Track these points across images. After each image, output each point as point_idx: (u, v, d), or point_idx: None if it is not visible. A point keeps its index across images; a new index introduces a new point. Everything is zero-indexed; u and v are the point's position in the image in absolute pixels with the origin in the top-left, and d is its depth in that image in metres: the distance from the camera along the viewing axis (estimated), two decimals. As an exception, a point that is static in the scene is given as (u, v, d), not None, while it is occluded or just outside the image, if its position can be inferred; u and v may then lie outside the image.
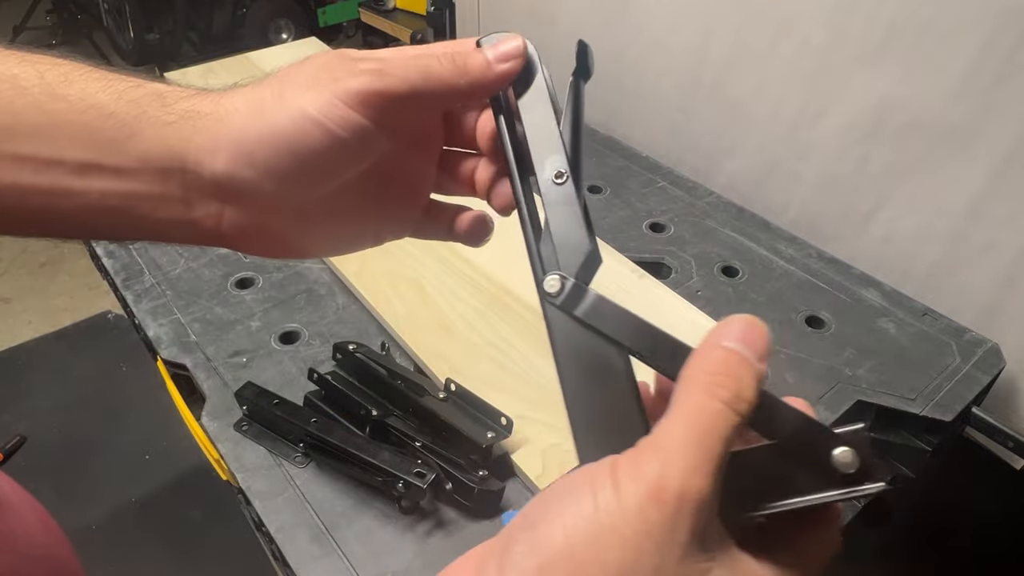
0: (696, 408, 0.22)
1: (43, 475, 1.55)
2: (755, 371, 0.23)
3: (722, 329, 0.24)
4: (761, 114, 0.90)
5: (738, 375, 0.23)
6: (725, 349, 0.23)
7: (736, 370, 0.23)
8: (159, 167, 0.29)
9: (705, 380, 0.23)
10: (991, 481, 0.79)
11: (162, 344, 0.70)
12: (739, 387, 0.22)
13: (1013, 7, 0.64)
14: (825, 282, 0.79)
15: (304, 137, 0.28)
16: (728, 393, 0.22)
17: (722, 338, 0.24)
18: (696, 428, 0.22)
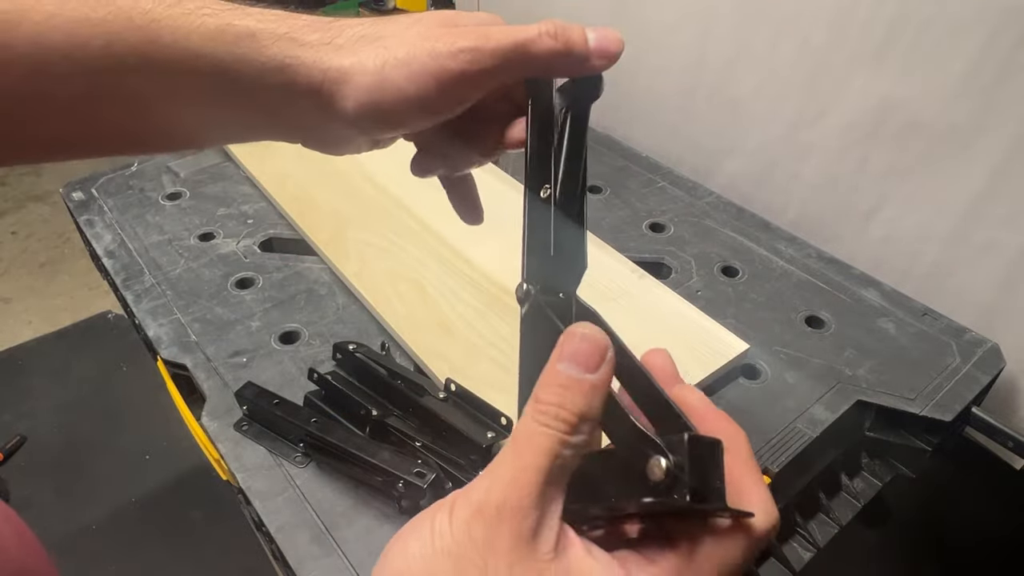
0: (522, 432, 0.24)
1: (43, 475, 1.55)
2: (581, 387, 0.24)
3: (556, 349, 0.25)
4: (761, 114, 0.90)
5: (560, 395, 0.24)
6: (553, 371, 0.25)
7: (558, 391, 0.24)
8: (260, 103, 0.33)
9: (532, 405, 0.24)
10: (991, 481, 0.79)
11: (162, 344, 0.70)
12: (560, 406, 0.24)
13: (1013, 7, 0.64)
14: (825, 282, 0.79)
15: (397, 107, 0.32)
16: (547, 416, 0.24)
17: (554, 359, 0.25)
18: (517, 448, 0.23)
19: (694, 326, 0.70)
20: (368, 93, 0.32)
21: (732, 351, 0.67)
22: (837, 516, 0.66)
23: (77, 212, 0.90)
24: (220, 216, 0.88)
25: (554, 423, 0.23)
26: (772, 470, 0.59)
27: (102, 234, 0.85)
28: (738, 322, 0.73)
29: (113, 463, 1.58)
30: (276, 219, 0.88)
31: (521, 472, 0.23)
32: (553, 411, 0.24)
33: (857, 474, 0.69)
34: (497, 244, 0.74)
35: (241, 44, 0.31)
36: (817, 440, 0.62)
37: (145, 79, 0.31)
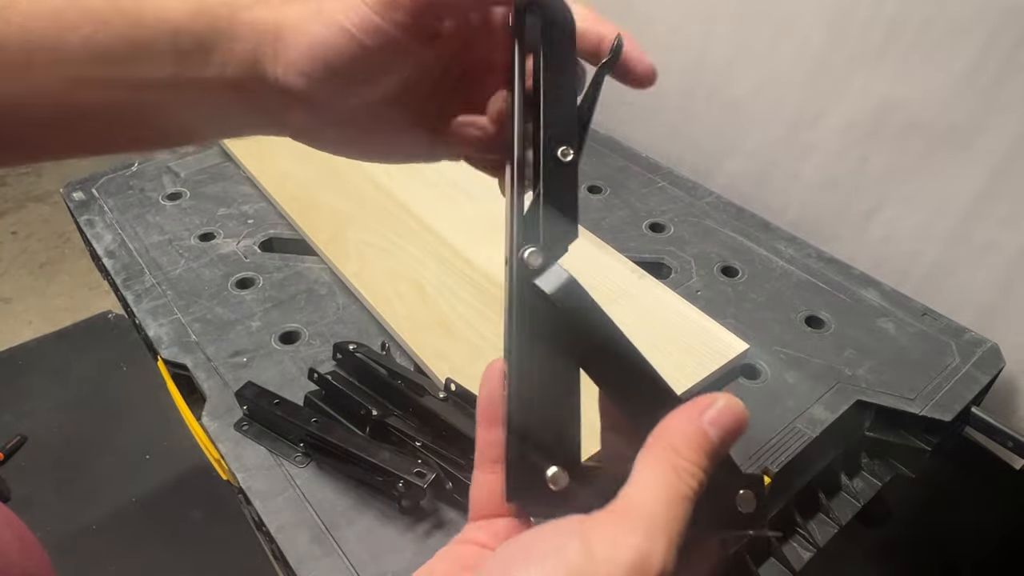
0: (671, 488, 0.23)
1: (43, 475, 1.55)
2: (718, 459, 0.25)
3: (707, 406, 0.25)
4: (761, 114, 0.90)
5: (706, 464, 0.24)
6: (700, 431, 0.25)
7: (706, 460, 0.24)
8: (235, 76, 0.32)
9: (680, 463, 0.24)
10: (991, 481, 0.79)
11: (162, 344, 0.70)
12: (701, 470, 0.24)
13: (1013, 7, 0.64)
14: (825, 282, 0.79)
15: (338, 46, 0.30)
16: (697, 483, 0.24)
17: (705, 416, 0.25)
18: (671, 508, 0.23)
19: (694, 326, 0.70)
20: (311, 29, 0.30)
21: (732, 351, 0.67)
22: (837, 516, 0.66)
23: (77, 212, 0.90)
24: (220, 216, 0.88)
25: (697, 487, 0.24)
26: (772, 470, 0.59)
27: (102, 234, 0.86)
28: (738, 322, 0.73)
29: (113, 463, 1.58)
30: (276, 219, 0.88)
31: (676, 538, 0.23)
32: (699, 476, 0.24)
33: (857, 474, 0.69)
34: (497, 244, 0.74)
35: (218, 14, 0.31)
36: (817, 440, 0.62)
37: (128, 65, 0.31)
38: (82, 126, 0.32)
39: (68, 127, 0.32)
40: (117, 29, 0.30)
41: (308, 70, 0.31)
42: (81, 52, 0.30)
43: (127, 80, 0.31)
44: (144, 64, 0.31)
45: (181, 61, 0.31)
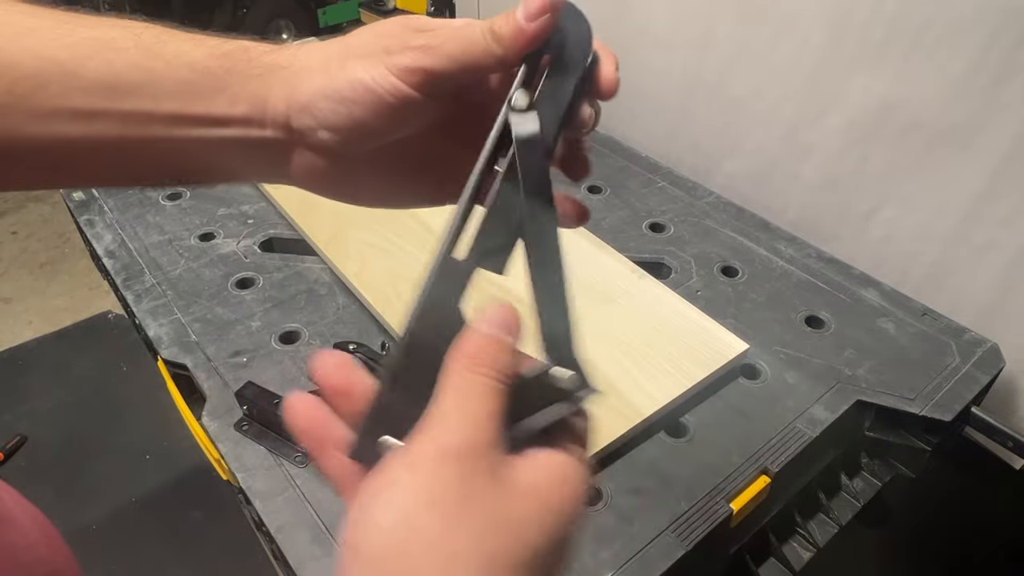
0: (460, 382, 0.27)
1: (43, 475, 1.55)
2: (508, 345, 0.28)
3: (479, 318, 0.29)
4: (761, 114, 0.90)
5: (494, 351, 0.28)
6: (482, 333, 0.28)
7: (491, 347, 0.28)
8: (243, 113, 0.33)
9: (460, 360, 0.28)
10: (991, 481, 0.79)
11: (163, 344, 0.70)
12: (495, 360, 0.28)
13: (1013, 7, 0.64)
14: (825, 282, 0.79)
15: (358, 99, 0.32)
16: (485, 367, 0.27)
17: (479, 326, 0.29)
18: (462, 396, 0.27)
19: (694, 326, 0.70)
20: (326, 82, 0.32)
21: (732, 351, 0.67)
22: (837, 516, 0.66)
23: (77, 212, 0.90)
24: (220, 216, 0.88)
25: (492, 372, 0.27)
26: (772, 470, 0.59)
27: (102, 234, 0.85)
28: (738, 322, 0.73)
29: (113, 463, 1.58)
30: (276, 219, 0.88)
31: (482, 417, 0.26)
32: (489, 362, 0.28)
33: (857, 474, 0.69)
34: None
35: (234, 56, 0.32)
36: (817, 440, 0.62)
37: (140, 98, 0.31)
38: (90, 160, 0.33)
39: (75, 160, 0.32)
40: (133, 59, 0.31)
41: (325, 116, 0.32)
42: (95, 82, 0.30)
43: (134, 112, 0.31)
44: (155, 97, 0.31)
45: (191, 96, 0.32)
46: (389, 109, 0.32)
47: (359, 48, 0.32)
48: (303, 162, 0.35)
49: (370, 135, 0.33)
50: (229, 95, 0.32)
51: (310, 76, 0.32)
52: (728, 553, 0.61)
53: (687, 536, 0.54)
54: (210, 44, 0.33)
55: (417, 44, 0.31)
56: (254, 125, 0.33)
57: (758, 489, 0.58)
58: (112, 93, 0.31)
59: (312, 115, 0.32)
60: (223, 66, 0.32)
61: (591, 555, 0.53)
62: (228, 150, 0.34)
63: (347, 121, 0.32)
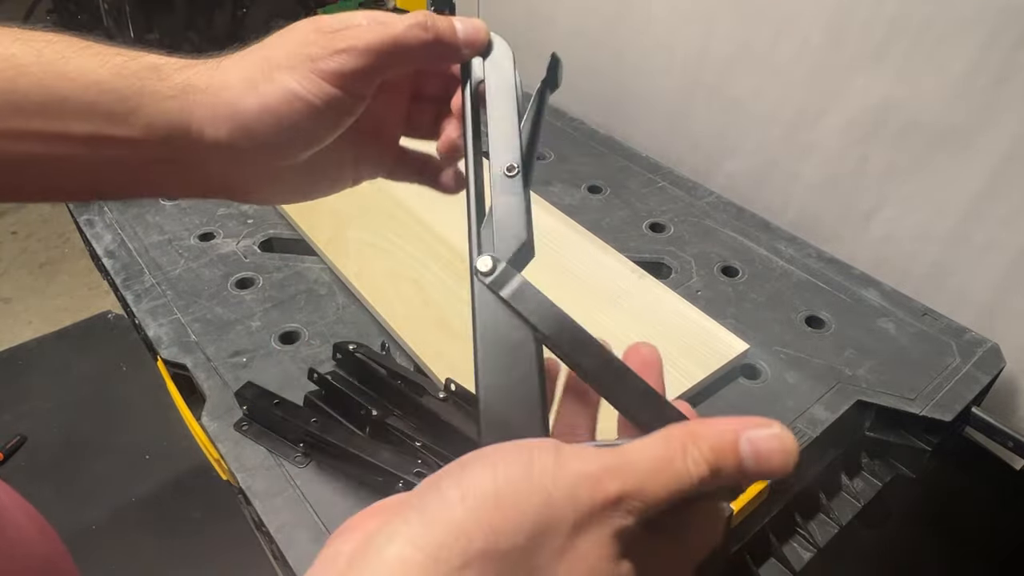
0: (667, 457, 0.23)
1: (43, 475, 1.55)
2: (739, 479, 0.24)
3: (758, 425, 0.24)
4: (761, 114, 0.90)
5: (721, 470, 0.24)
6: (735, 443, 0.24)
7: (723, 466, 0.24)
8: (163, 136, 0.32)
9: (692, 450, 0.24)
10: (991, 481, 0.79)
11: (162, 344, 0.70)
12: (713, 476, 0.23)
13: (1013, 7, 0.64)
14: (825, 282, 0.79)
15: (292, 111, 0.32)
16: (698, 474, 0.23)
17: (749, 433, 0.24)
18: (657, 466, 0.23)
19: (694, 326, 0.70)
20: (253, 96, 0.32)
21: (732, 351, 0.67)
22: (837, 516, 0.66)
23: (77, 212, 0.90)
24: (220, 216, 0.88)
25: (696, 476, 0.23)
26: (772, 470, 0.59)
27: (102, 234, 0.85)
28: (738, 322, 0.73)
29: (113, 463, 1.58)
30: (276, 219, 0.88)
31: (649, 490, 0.23)
32: (703, 468, 0.23)
33: (857, 474, 0.69)
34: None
35: (143, 75, 0.32)
36: (817, 440, 0.62)
37: (46, 118, 0.30)
38: (11, 177, 0.32)
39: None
40: (37, 77, 0.30)
41: (261, 133, 0.32)
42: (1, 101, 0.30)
43: (44, 132, 0.30)
44: (63, 118, 0.31)
45: (102, 118, 0.31)
46: (324, 114, 0.32)
47: (282, 59, 0.32)
48: (228, 175, 0.34)
49: (308, 143, 0.34)
50: (143, 117, 0.31)
51: (235, 96, 0.32)
52: (728, 553, 0.61)
53: (687, 536, 0.54)
54: (117, 61, 0.32)
55: (342, 47, 0.32)
56: (175, 147, 0.32)
57: (758, 489, 0.58)
58: (19, 113, 0.30)
59: (247, 135, 0.32)
60: (132, 86, 0.31)
61: (591, 555, 0.53)
62: (151, 167, 0.33)
63: (285, 134, 0.32)
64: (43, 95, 0.30)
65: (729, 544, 0.59)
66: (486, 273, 0.30)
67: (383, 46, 0.32)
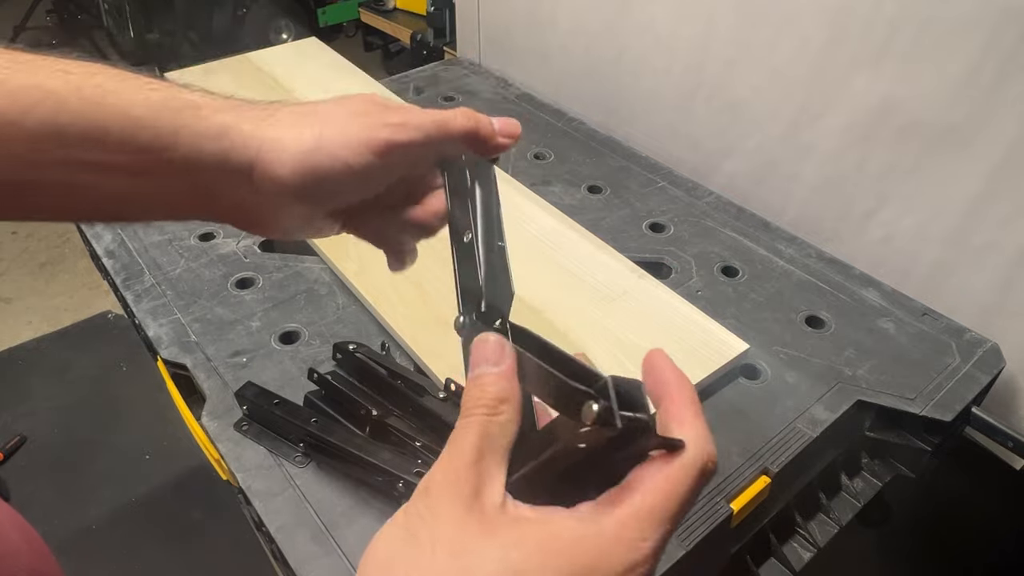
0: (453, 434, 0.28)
1: (43, 475, 1.55)
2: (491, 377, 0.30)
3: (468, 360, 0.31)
4: (761, 114, 0.90)
5: (475, 390, 0.29)
6: (468, 378, 0.30)
7: (473, 388, 0.30)
8: (197, 176, 0.34)
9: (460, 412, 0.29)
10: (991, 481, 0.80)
11: (162, 344, 0.70)
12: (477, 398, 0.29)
13: (1013, 7, 0.64)
14: (825, 282, 0.79)
15: (336, 175, 0.35)
16: (467, 409, 0.29)
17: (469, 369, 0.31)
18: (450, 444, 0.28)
19: (694, 326, 0.70)
20: (305, 158, 0.34)
21: (732, 351, 0.67)
22: (837, 516, 0.66)
23: (77, 212, 0.89)
24: (220, 216, 0.88)
25: (475, 410, 0.28)
26: (772, 470, 0.59)
27: (102, 234, 0.85)
28: (738, 322, 0.73)
29: (113, 463, 1.58)
30: (276, 219, 0.88)
31: (455, 454, 0.27)
32: (471, 403, 0.28)
33: (857, 474, 0.69)
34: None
35: (183, 113, 0.33)
36: (817, 440, 0.62)
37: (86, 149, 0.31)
38: (35, 199, 0.33)
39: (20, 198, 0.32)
40: (76, 109, 0.31)
41: (300, 188, 0.34)
42: (39, 131, 0.30)
43: (84, 162, 0.31)
44: (102, 149, 0.31)
45: (139, 151, 0.32)
46: (361, 179, 0.35)
47: (337, 123, 0.35)
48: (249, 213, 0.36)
49: (336, 200, 0.37)
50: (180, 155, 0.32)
51: (286, 158, 0.34)
52: (728, 553, 0.61)
53: (687, 536, 0.54)
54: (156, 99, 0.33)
55: (395, 121, 0.35)
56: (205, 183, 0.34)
57: (758, 489, 0.58)
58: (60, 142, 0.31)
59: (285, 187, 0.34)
60: (170, 125, 0.32)
61: (591, 555, 0.53)
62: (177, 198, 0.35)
63: (322, 192, 0.35)
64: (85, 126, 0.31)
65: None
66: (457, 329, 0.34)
67: (431, 126, 0.36)
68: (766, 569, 0.63)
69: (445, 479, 0.26)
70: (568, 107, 1.13)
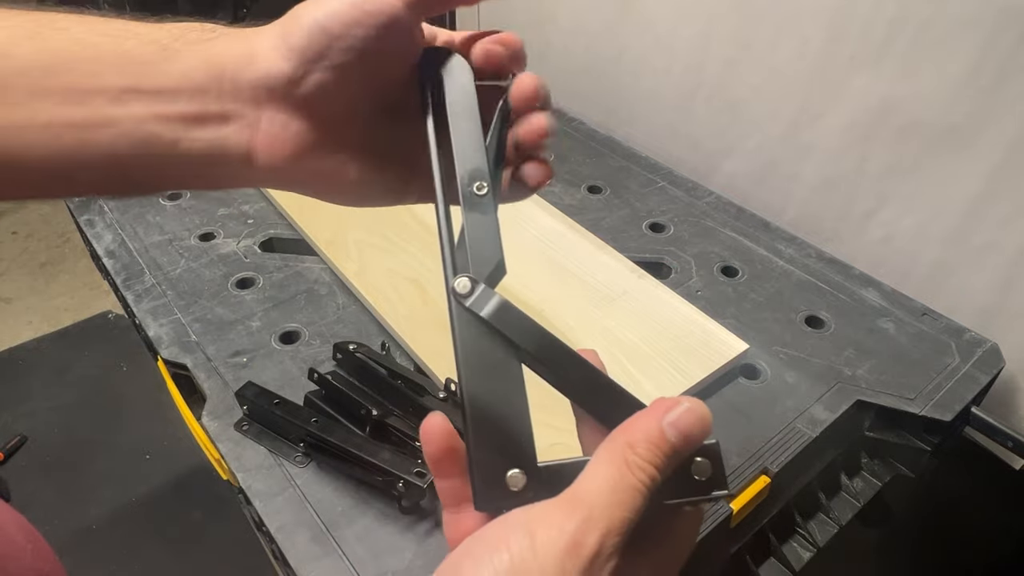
0: (619, 479, 0.25)
1: (43, 475, 1.55)
2: (677, 459, 0.26)
3: (670, 408, 0.26)
4: (761, 114, 0.91)
5: (664, 463, 0.26)
6: (658, 431, 0.26)
7: (661, 458, 0.26)
8: (198, 84, 0.30)
9: (632, 459, 0.25)
10: (991, 481, 0.79)
11: (163, 344, 0.70)
12: (656, 468, 0.25)
13: (1013, 7, 0.64)
14: (825, 282, 0.79)
15: (338, 12, 0.30)
16: (648, 478, 0.25)
17: (666, 417, 0.26)
18: (614, 497, 0.25)
19: (694, 326, 0.70)
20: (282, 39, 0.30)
21: (732, 351, 0.67)
22: (837, 516, 0.66)
23: (77, 212, 0.90)
24: (220, 216, 0.88)
25: (648, 482, 0.25)
26: (772, 470, 0.59)
27: (102, 234, 0.86)
28: (738, 322, 0.73)
29: (113, 463, 1.58)
30: (276, 219, 0.88)
31: (618, 523, 0.24)
32: (650, 471, 0.25)
33: (857, 474, 0.69)
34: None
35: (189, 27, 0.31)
36: (817, 440, 0.62)
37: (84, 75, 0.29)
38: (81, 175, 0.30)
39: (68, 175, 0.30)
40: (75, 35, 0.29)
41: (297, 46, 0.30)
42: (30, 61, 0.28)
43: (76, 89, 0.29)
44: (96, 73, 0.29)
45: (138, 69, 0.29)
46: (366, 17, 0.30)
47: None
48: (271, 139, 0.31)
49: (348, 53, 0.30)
50: (179, 64, 0.30)
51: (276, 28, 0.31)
52: (728, 553, 0.61)
53: (687, 536, 0.54)
54: (162, 24, 0.31)
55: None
56: (210, 95, 0.30)
57: (758, 489, 0.58)
58: (48, 72, 0.28)
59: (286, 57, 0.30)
60: (173, 36, 0.30)
61: (591, 555, 0.53)
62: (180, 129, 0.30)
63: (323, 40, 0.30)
64: (79, 50, 0.29)
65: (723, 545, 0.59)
66: (465, 295, 0.29)
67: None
68: (766, 569, 0.63)
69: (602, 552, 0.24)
70: (568, 107, 1.13)
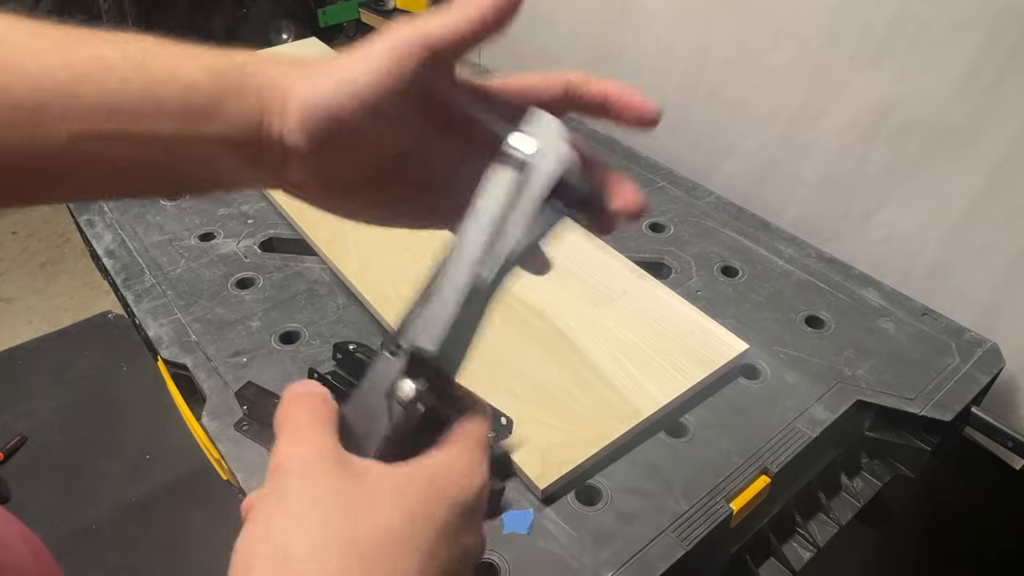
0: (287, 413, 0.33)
1: (43, 475, 1.55)
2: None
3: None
4: (761, 114, 0.91)
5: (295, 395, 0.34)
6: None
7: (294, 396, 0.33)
8: (240, 136, 0.32)
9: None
10: (991, 481, 0.80)
11: (163, 344, 0.70)
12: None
13: (1013, 7, 0.64)
14: (825, 282, 0.79)
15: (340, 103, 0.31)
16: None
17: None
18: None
19: (694, 326, 0.70)
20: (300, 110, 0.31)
21: (732, 351, 0.67)
22: (837, 516, 0.66)
23: (77, 212, 0.90)
24: (220, 216, 0.88)
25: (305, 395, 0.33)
26: (772, 470, 0.59)
27: (102, 234, 0.86)
28: (738, 322, 0.73)
29: (113, 463, 1.58)
30: (276, 219, 0.88)
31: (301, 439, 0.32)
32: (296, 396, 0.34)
33: (857, 474, 0.69)
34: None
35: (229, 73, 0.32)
36: (817, 440, 0.62)
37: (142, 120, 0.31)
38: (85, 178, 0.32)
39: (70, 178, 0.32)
40: (128, 77, 0.30)
41: (310, 126, 0.31)
42: (93, 104, 0.30)
43: (135, 134, 0.31)
44: (153, 118, 0.31)
45: (188, 117, 0.31)
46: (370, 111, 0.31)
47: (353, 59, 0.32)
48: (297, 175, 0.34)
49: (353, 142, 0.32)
50: (223, 116, 0.31)
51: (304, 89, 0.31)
52: (728, 553, 0.61)
53: (687, 536, 0.54)
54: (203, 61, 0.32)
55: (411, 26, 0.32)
56: (250, 144, 0.32)
57: (758, 489, 0.58)
58: (111, 114, 0.30)
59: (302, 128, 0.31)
60: (217, 84, 0.31)
61: (591, 555, 0.53)
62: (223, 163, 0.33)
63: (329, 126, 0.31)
64: (135, 98, 0.30)
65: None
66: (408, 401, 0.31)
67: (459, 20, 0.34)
68: (766, 569, 0.63)
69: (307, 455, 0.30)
70: (568, 107, 1.13)
